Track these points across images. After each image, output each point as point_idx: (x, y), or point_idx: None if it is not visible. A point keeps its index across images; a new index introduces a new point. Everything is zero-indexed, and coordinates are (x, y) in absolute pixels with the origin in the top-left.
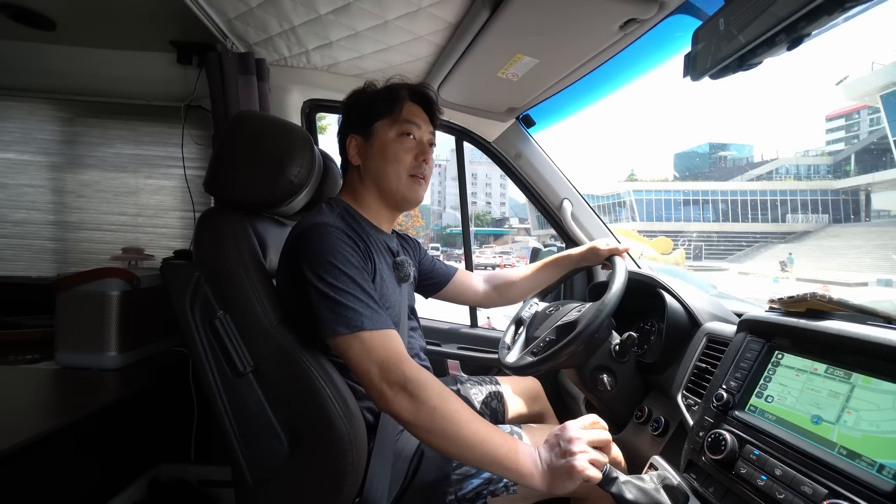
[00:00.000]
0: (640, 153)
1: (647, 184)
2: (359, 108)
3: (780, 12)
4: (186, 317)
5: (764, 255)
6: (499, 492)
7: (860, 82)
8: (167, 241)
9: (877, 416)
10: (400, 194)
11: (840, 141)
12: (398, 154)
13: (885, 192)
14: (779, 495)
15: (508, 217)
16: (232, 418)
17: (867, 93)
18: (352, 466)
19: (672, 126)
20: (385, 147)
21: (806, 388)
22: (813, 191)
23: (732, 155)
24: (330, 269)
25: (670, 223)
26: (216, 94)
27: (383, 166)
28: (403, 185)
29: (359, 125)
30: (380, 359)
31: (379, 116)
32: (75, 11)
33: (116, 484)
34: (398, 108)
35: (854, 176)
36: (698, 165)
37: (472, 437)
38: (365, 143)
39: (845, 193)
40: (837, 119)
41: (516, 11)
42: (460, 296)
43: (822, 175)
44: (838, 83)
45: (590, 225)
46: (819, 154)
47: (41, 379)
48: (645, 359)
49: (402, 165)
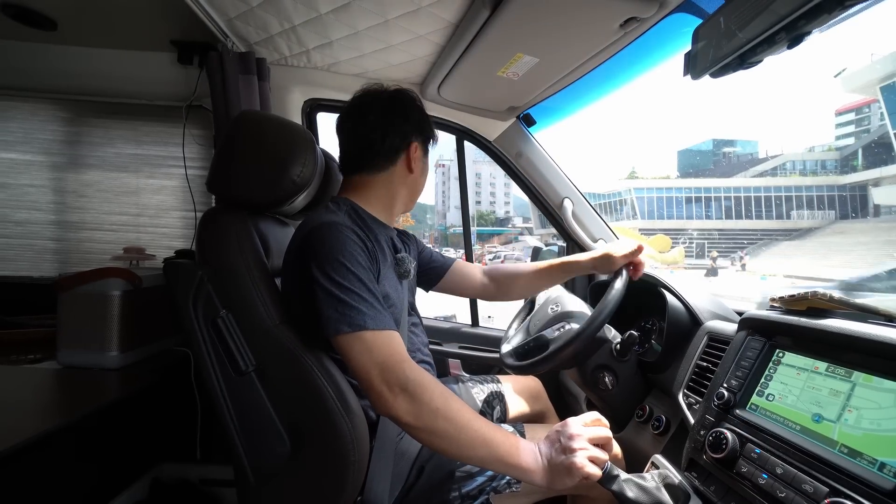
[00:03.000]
0: (642, 151)
1: (648, 181)
2: (428, 123)
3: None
4: (189, 316)
5: (766, 252)
6: (501, 489)
7: (858, 74)
8: (168, 240)
9: (878, 414)
10: (414, 204)
11: (850, 136)
12: (426, 174)
13: (889, 187)
14: (780, 494)
15: (512, 216)
16: (234, 417)
17: (866, 85)
18: (353, 465)
19: (674, 123)
20: (426, 167)
21: (807, 387)
22: (819, 186)
23: (736, 151)
24: (338, 267)
25: (672, 221)
26: (217, 94)
27: (423, 181)
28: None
29: (425, 138)
30: (381, 360)
31: (431, 140)
32: (76, 11)
33: (118, 483)
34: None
35: (861, 171)
36: (701, 162)
37: (474, 436)
38: (423, 156)
39: (852, 189)
40: (847, 113)
41: (516, 10)
42: (458, 287)
43: (829, 170)
44: (836, 75)
45: (591, 224)
46: (826, 149)
47: (43, 378)
48: (646, 357)
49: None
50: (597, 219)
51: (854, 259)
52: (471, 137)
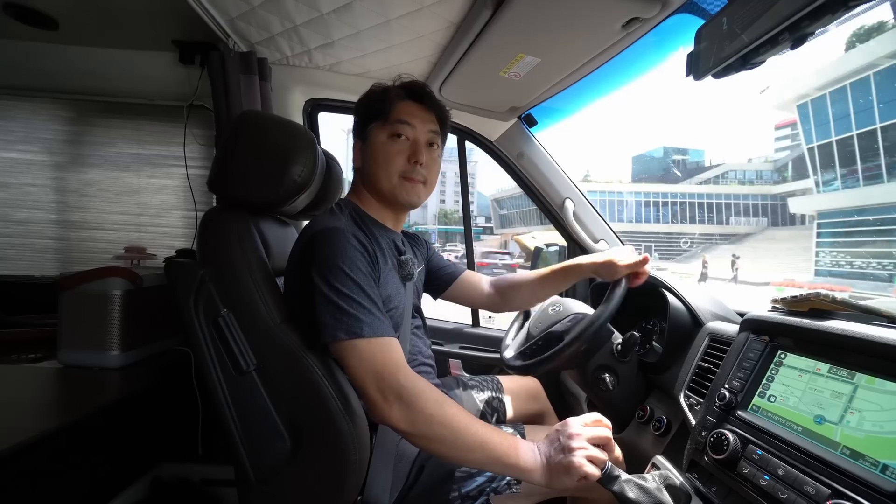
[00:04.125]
0: (597, 155)
1: (600, 185)
2: (358, 113)
3: (783, 11)
4: (190, 315)
5: (706, 256)
6: (501, 490)
7: (779, 92)
8: (169, 240)
9: (880, 416)
10: (394, 196)
11: (786, 149)
12: (388, 157)
13: (800, 198)
14: (781, 495)
15: (476, 216)
16: (235, 417)
17: (786, 102)
18: (354, 465)
19: (632, 129)
20: (376, 150)
21: (809, 388)
22: (755, 195)
23: (685, 159)
24: (338, 273)
25: (622, 224)
26: (218, 94)
27: (375, 170)
28: (396, 187)
29: (358, 129)
30: (375, 368)
31: (373, 119)
32: (78, 11)
33: (119, 483)
34: (388, 108)
35: (789, 182)
36: (652, 168)
37: (471, 439)
38: (363, 145)
39: (782, 198)
40: (785, 128)
41: (519, 10)
42: (464, 296)
43: (764, 181)
44: (761, 92)
45: (592, 224)
46: (764, 161)
47: (44, 378)
48: (647, 358)
49: (393, 168)
50: (598, 219)
51: (779, 263)
52: (472, 137)
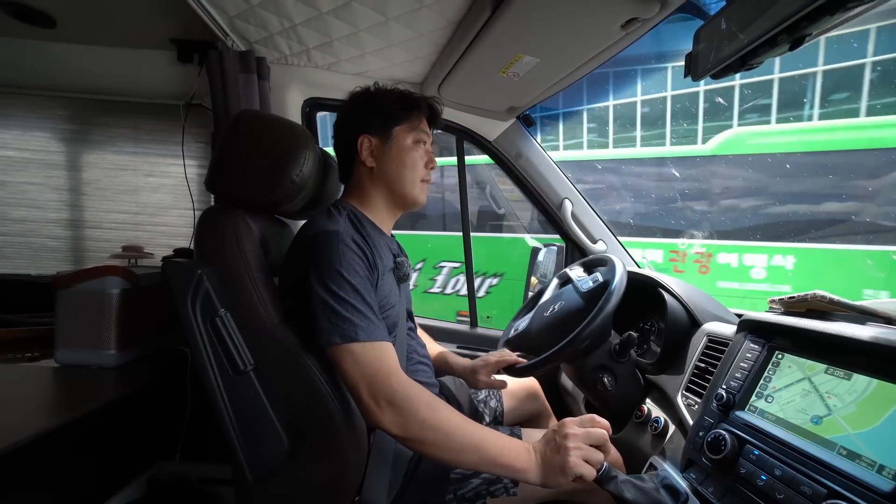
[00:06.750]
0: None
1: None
2: (376, 110)
3: (782, 12)
4: (188, 315)
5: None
6: (498, 493)
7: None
8: (167, 239)
9: (877, 416)
10: (411, 198)
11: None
12: (415, 161)
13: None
14: (779, 495)
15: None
16: (232, 416)
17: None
18: (351, 465)
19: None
20: (402, 153)
21: (806, 389)
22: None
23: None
24: (335, 277)
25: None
26: (216, 93)
27: (400, 171)
28: (416, 189)
29: (376, 127)
30: (369, 373)
31: (398, 122)
32: (76, 9)
33: (116, 482)
34: (416, 116)
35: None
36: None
37: (464, 441)
38: (382, 145)
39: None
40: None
41: (518, 10)
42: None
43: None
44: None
45: (590, 224)
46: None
47: (41, 377)
48: (644, 358)
49: (417, 172)
50: (596, 219)
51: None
52: (470, 137)
